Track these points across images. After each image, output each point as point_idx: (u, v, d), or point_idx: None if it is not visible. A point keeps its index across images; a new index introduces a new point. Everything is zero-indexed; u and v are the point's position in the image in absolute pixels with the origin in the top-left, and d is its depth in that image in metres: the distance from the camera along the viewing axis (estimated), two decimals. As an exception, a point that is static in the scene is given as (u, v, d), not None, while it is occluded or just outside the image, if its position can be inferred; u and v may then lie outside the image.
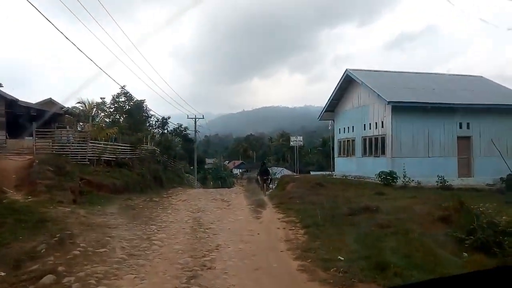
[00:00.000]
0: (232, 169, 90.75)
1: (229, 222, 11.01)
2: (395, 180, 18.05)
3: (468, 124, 19.96)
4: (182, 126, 40.21)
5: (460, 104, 19.41)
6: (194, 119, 44.78)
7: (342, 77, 23.13)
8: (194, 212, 12.62)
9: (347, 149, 23.76)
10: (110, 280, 5.74)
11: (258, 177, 20.92)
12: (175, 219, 11.28)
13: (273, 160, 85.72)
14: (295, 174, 28.08)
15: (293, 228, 10.08)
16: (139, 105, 27.81)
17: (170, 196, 17.35)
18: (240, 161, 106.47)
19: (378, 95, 19.04)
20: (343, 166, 24.27)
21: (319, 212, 11.47)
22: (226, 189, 24.87)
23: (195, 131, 44.86)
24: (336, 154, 25.45)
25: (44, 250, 6.87)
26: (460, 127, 19.92)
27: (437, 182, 18.13)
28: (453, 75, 24.63)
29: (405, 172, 18.09)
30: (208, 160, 73.36)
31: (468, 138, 19.97)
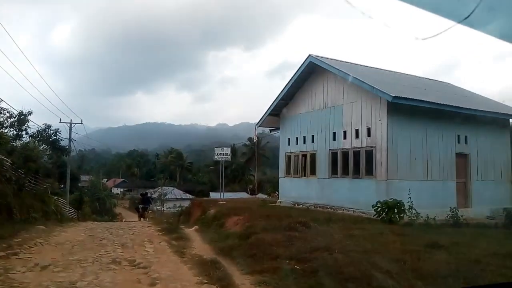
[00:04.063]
0: (111, 188, 79.55)
1: None
2: (401, 215, 12.07)
3: (466, 137, 15.24)
4: (51, 128, 29.14)
5: (462, 108, 14.58)
6: (69, 124, 34.47)
7: (300, 67, 16.71)
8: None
9: (302, 167, 17.21)
10: None
11: (140, 205, 24.41)
12: None
13: (162, 178, 76.82)
14: (219, 198, 20.52)
15: None
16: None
17: (17, 253, 8.28)
18: (121, 179, 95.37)
19: (373, 87, 12.92)
20: (293, 190, 17.62)
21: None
22: (132, 227, 15.07)
23: (70, 139, 34.16)
24: (281, 174, 18.66)
25: None
26: (458, 141, 15.10)
27: (448, 216, 12.78)
28: (424, 78, 20.30)
29: (411, 202, 12.30)
30: (83, 178, 61.42)
31: (465, 155, 15.23)
